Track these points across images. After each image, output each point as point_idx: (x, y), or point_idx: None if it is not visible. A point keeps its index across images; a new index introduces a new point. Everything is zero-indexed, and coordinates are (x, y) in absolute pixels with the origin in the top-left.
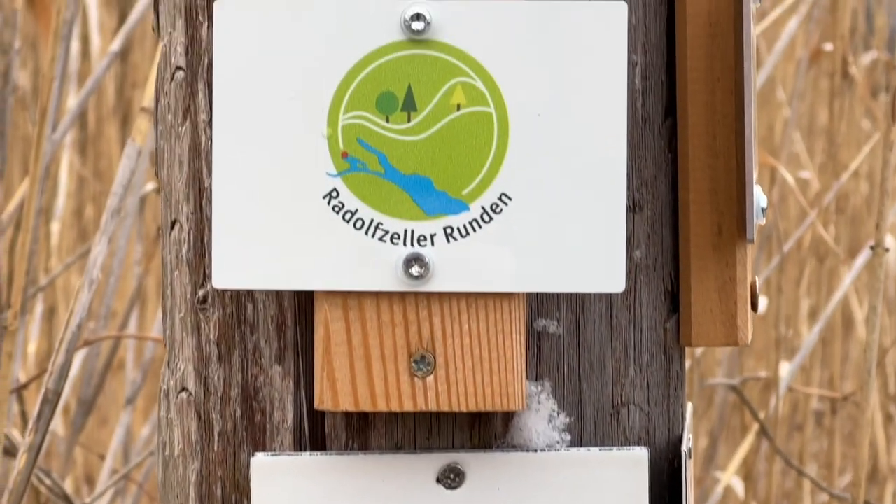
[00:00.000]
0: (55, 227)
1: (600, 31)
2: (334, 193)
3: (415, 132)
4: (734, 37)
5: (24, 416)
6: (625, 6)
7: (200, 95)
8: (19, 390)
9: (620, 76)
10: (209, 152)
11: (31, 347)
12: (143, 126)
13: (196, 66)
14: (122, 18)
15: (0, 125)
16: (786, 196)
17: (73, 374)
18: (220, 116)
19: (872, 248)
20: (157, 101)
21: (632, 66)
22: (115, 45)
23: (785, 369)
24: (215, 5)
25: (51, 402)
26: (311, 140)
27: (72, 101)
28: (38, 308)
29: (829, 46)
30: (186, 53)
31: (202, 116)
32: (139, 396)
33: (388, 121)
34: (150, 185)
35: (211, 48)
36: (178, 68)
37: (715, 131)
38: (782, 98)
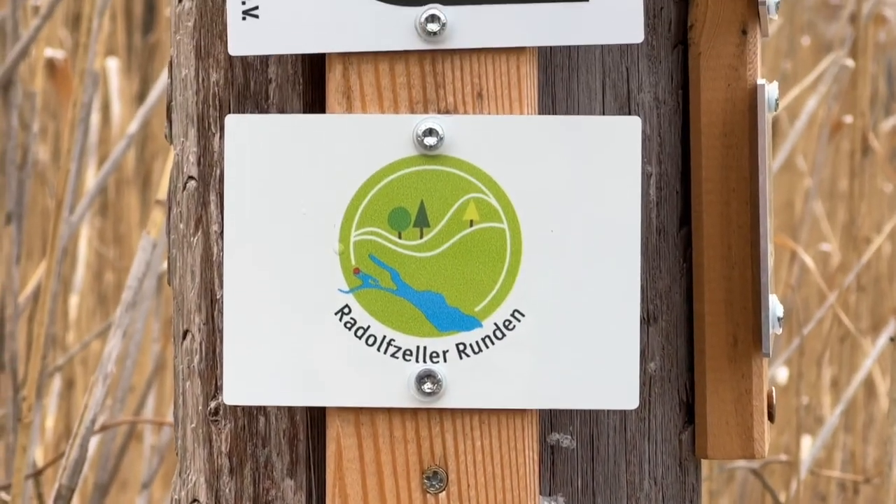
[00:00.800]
0: (73, 300)
1: (614, 146)
2: (346, 310)
3: (427, 248)
4: (749, 147)
5: (40, 499)
6: (638, 121)
7: (212, 206)
8: (35, 476)
9: (634, 190)
10: (221, 264)
11: (49, 422)
12: (157, 219)
13: (208, 177)
14: (143, 83)
15: (18, 207)
16: (806, 271)
17: (89, 454)
18: (230, 230)
19: (892, 339)
20: (169, 208)
21: (646, 176)
22: (133, 126)
23: (806, 447)
24: (227, 119)
25: (64, 497)
26: (322, 256)
27: (91, 181)
28: (57, 382)
29: (849, 119)
30: (199, 163)
31: (214, 227)
32: (156, 479)
33: (400, 237)
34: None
35: (223, 159)
36: (191, 178)
37: (730, 241)
38: (803, 167)
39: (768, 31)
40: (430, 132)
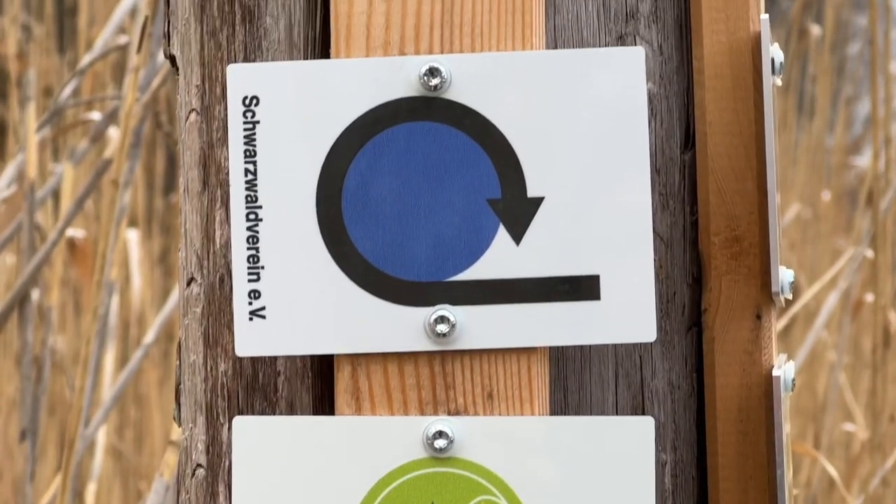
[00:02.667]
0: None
1: (627, 445)
2: None
3: None
4: (766, 434)
5: None
6: (651, 421)
7: (221, 497)
8: None
9: (649, 488)
10: None
11: None
12: (171, 461)
13: (217, 467)
14: (163, 257)
15: (33, 424)
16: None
17: None
18: None
19: None
20: (178, 494)
21: (661, 465)
22: (150, 336)
23: None
24: (235, 421)
25: None
26: None
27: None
28: None
29: (870, 297)
30: (207, 452)
31: None
32: None
33: None
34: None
35: (231, 450)
36: (199, 465)
37: None
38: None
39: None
40: (439, 434)
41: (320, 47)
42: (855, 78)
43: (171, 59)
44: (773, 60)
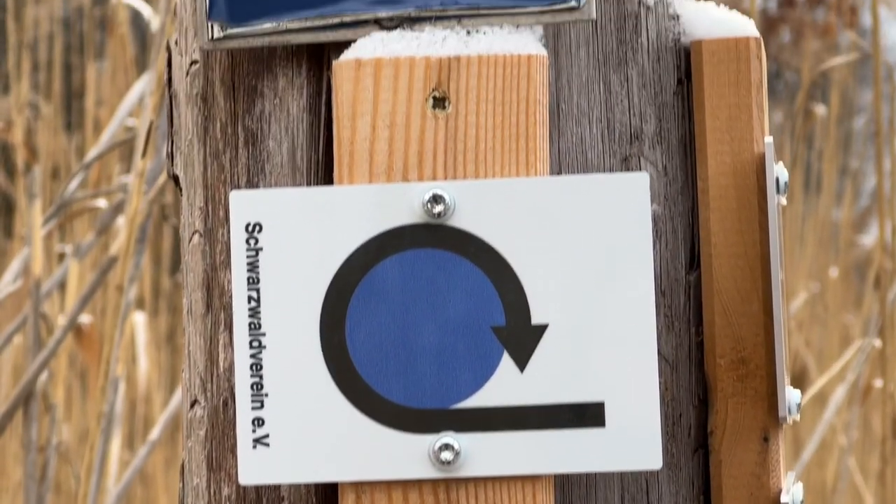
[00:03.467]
0: None
1: None
2: None
3: None
4: None
5: None
6: None
7: None
8: None
9: None
10: None
11: None
12: None
13: None
14: (170, 337)
15: None
16: None
17: None
18: None
19: None
20: None
21: None
22: (155, 433)
23: None
24: None
25: None
26: None
27: (115, 452)
28: None
29: (878, 383)
30: None
31: None
32: None
33: None
34: None
35: None
36: None
37: None
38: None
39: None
40: None
41: (324, 170)
42: (861, 152)
43: (175, 178)
44: (777, 180)
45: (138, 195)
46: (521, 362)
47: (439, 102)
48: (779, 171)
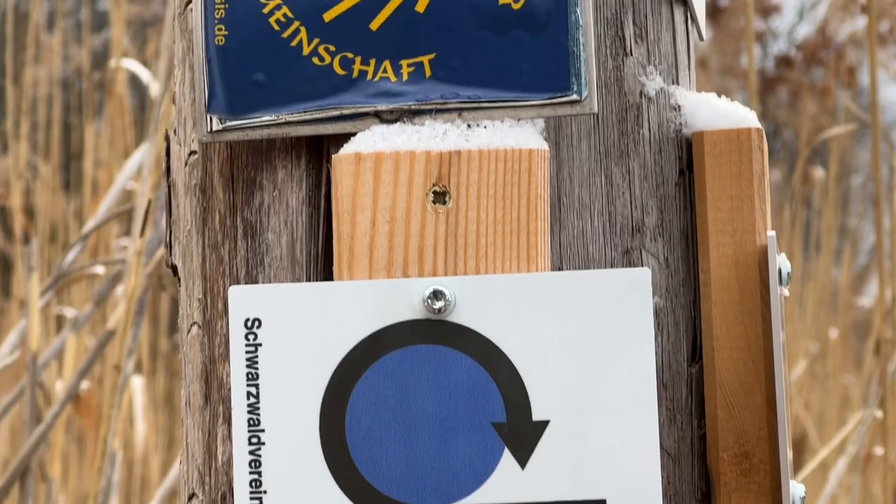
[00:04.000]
0: None
1: None
2: None
3: None
4: None
5: None
6: None
7: None
8: None
9: None
10: None
11: None
12: None
13: None
14: (168, 398)
15: None
16: None
17: None
18: None
19: None
20: None
21: None
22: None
23: None
24: None
25: None
26: None
27: None
28: None
29: (879, 450)
30: None
31: None
32: None
33: None
34: None
35: None
36: None
37: None
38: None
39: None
40: None
41: (323, 263)
42: (860, 211)
43: (173, 268)
44: (780, 272)
45: (136, 274)
46: (522, 459)
47: (440, 197)
48: (781, 262)
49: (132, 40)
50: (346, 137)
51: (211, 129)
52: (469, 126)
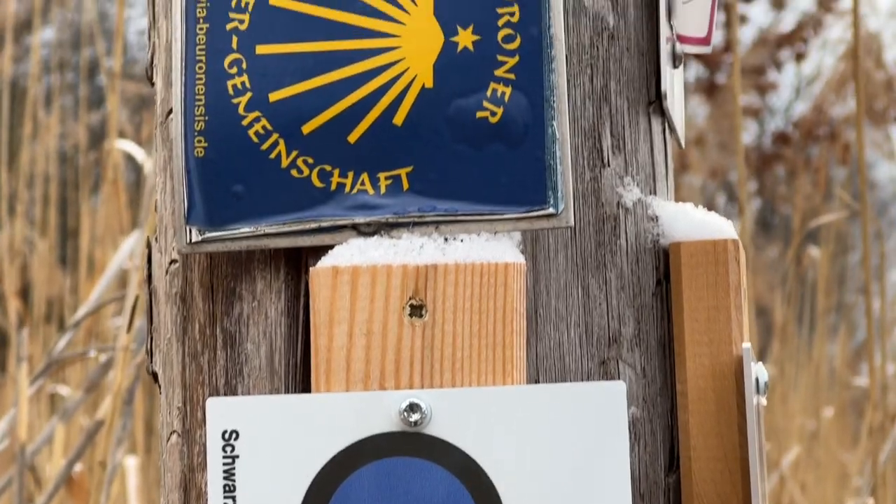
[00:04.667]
0: None
1: None
2: None
3: None
4: None
5: None
6: None
7: None
8: None
9: None
10: None
11: None
12: None
13: None
14: None
15: None
16: None
17: None
18: None
19: None
20: None
21: None
22: None
23: None
24: None
25: None
26: None
27: None
28: None
29: None
30: None
31: None
32: None
33: None
34: None
35: None
36: None
37: None
38: None
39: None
40: None
41: (302, 374)
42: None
43: (154, 375)
44: (757, 381)
45: (122, 370)
46: None
47: (416, 310)
48: (758, 371)
49: (130, 117)
50: (324, 249)
51: (190, 240)
52: (446, 239)
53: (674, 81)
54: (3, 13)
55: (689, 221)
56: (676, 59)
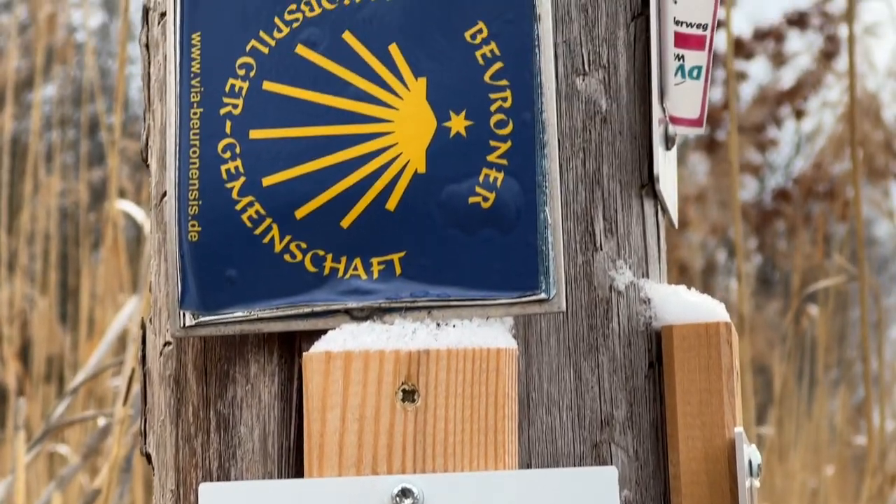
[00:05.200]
0: None
1: None
2: None
3: None
4: None
5: None
6: None
7: None
8: None
9: None
10: None
11: None
12: None
13: None
14: None
15: None
16: None
17: None
18: None
19: None
20: None
21: None
22: None
23: None
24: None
25: None
26: None
27: None
28: None
29: None
30: None
31: None
32: None
33: None
34: None
35: None
36: None
37: None
38: None
39: None
40: None
41: (295, 457)
42: (858, 343)
43: (147, 456)
44: (750, 463)
45: (118, 442)
46: None
47: (409, 395)
48: (751, 453)
49: (131, 174)
50: (318, 332)
51: (184, 324)
52: (438, 325)
53: (666, 162)
54: (4, 70)
55: (681, 304)
56: (669, 141)
